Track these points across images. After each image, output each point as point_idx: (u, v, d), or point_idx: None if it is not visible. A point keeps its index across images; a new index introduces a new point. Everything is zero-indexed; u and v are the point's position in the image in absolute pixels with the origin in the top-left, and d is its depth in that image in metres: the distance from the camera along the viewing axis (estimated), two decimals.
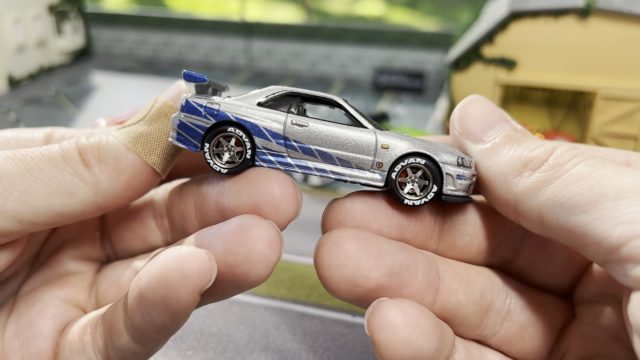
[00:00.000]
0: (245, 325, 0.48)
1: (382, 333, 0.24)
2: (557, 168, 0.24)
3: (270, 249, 0.24)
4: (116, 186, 0.27)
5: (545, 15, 0.68)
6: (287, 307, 0.50)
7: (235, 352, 0.45)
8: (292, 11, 1.78)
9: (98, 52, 1.32)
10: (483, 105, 0.28)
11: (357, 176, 0.26)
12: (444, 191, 0.27)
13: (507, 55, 0.71)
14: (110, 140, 0.27)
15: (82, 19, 1.22)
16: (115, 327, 0.26)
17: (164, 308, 0.23)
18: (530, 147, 0.26)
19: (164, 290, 0.23)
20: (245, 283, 0.24)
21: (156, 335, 0.25)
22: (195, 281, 0.23)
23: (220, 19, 1.24)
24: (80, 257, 0.33)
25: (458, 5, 1.73)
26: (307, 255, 0.57)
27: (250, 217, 0.25)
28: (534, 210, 0.24)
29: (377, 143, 0.26)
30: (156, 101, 0.28)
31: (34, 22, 1.06)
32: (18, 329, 0.29)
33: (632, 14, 0.64)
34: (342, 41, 1.16)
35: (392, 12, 1.81)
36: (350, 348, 0.46)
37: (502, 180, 0.26)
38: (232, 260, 0.24)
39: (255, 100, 0.27)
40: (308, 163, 0.26)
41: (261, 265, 0.24)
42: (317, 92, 0.28)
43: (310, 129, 0.26)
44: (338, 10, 1.83)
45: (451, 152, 0.27)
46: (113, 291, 0.32)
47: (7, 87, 1.03)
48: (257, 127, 0.26)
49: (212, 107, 0.26)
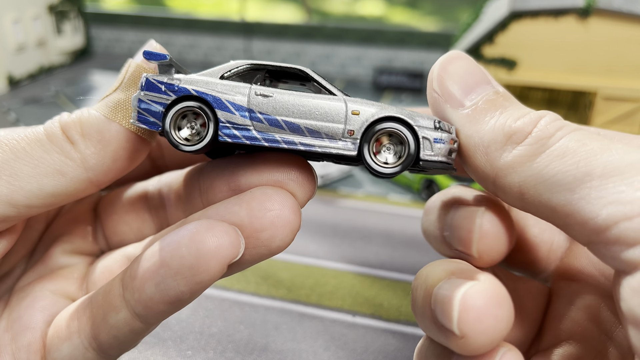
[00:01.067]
0: (245, 325, 0.48)
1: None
2: (542, 142, 0.22)
3: (294, 214, 0.24)
4: (104, 159, 0.26)
5: (545, 15, 0.68)
6: (287, 307, 0.50)
7: (235, 352, 0.45)
8: (292, 11, 1.78)
9: (98, 52, 1.32)
10: (464, 62, 0.26)
11: (328, 146, 0.25)
12: (421, 156, 0.25)
13: (507, 55, 0.71)
14: (91, 114, 0.26)
15: (82, 18, 1.22)
16: (112, 304, 0.26)
17: (188, 277, 0.23)
18: (514, 116, 0.24)
19: (194, 259, 0.23)
20: (269, 249, 0.24)
21: (165, 307, 0.25)
22: (226, 252, 0.23)
23: (220, 18, 1.24)
24: (72, 251, 0.33)
25: (458, 5, 1.73)
26: (307, 255, 0.57)
27: (271, 187, 0.25)
28: (514, 186, 0.23)
29: (347, 109, 0.25)
30: (129, 65, 0.27)
31: (34, 22, 1.06)
32: (9, 323, 0.29)
33: (633, 13, 0.64)
34: (342, 41, 1.16)
35: (392, 12, 1.81)
36: (350, 348, 0.45)
37: (482, 152, 0.24)
38: (259, 225, 0.24)
39: (217, 74, 0.26)
40: (275, 136, 0.25)
41: (286, 230, 0.24)
42: (281, 63, 0.27)
43: (275, 99, 0.25)
44: (338, 10, 1.83)
45: (427, 116, 0.25)
46: (105, 278, 0.31)
47: (7, 87, 1.03)
48: (219, 99, 0.25)
49: (172, 82, 0.26)
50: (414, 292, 0.25)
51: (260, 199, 0.24)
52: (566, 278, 0.28)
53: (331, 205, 0.67)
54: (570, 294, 0.27)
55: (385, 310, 0.50)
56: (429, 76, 0.27)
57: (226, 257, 0.23)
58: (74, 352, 0.27)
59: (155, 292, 0.24)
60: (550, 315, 0.28)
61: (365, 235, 0.62)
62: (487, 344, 0.22)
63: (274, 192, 0.25)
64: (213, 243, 0.23)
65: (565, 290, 0.28)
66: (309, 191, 0.26)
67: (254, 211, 0.24)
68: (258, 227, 0.24)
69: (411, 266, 0.57)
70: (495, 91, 0.26)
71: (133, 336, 0.26)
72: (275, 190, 0.25)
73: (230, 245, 0.23)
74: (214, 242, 0.23)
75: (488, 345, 0.22)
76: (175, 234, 0.24)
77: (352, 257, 0.58)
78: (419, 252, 0.59)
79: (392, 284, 0.54)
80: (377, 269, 0.56)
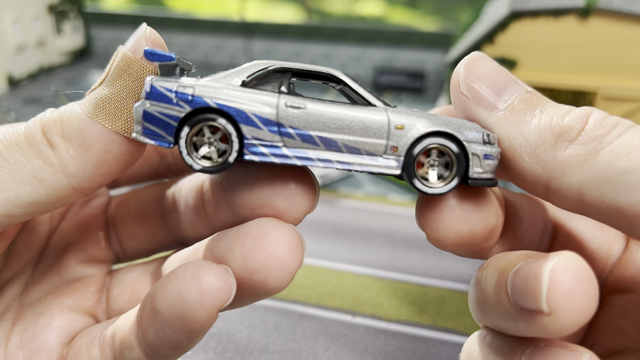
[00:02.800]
0: (245, 325, 0.48)
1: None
2: (599, 139, 0.21)
3: (291, 254, 0.22)
4: (86, 164, 0.23)
5: (545, 15, 0.68)
6: (287, 307, 0.50)
7: (235, 353, 0.45)
8: (292, 11, 1.78)
9: (98, 52, 1.32)
10: (489, 63, 0.25)
11: (369, 164, 0.22)
12: (470, 175, 0.23)
13: (507, 55, 0.71)
14: (74, 111, 0.23)
15: (82, 18, 1.22)
16: (127, 341, 0.25)
17: (179, 326, 0.22)
18: (559, 113, 0.23)
19: (180, 308, 0.22)
20: (264, 290, 0.23)
21: (170, 352, 0.24)
22: (213, 299, 0.21)
23: (220, 18, 1.24)
24: (86, 260, 0.32)
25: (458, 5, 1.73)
26: (307, 255, 0.57)
27: (271, 219, 0.23)
28: (573, 187, 0.21)
29: (390, 123, 0.22)
30: (116, 55, 0.24)
31: (34, 22, 1.06)
32: (22, 340, 0.28)
33: (633, 13, 0.64)
34: (342, 41, 1.16)
35: (392, 12, 1.81)
36: (350, 348, 0.45)
37: (530, 153, 0.22)
38: (251, 266, 0.22)
39: (237, 80, 0.23)
40: (309, 153, 0.22)
41: (281, 272, 0.22)
42: (311, 66, 0.23)
43: (308, 111, 0.22)
44: (338, 10, 1.83)
45: (474, 128, 0.23)
46: (126, 294, 0.30)
47: (6, 87, 1.03)
48: (243, 113, 0.22)
49: (184, 91, 0.22)
50: (481, 283, 0.24)
51: (254, 235, 0.22)
52: (617, 290, 0.27)
53: (331, 205, 0.67)
54: (622, 305, 0.26)
55: (385, 310, 0.50)
56: (453, 80, 0.25)
57: (214, 304, 0.22)
58: None
59: (156, 338, 0.23)
60: (599, 326, 0.27)
61: (365, 235, 0.62)
62: (576, 322, 0.20)
63: (270, 227, 0.23)
64: (197, 291, 0.21)
65: (617, 302, 0.27)
66: (309, 207, 0.24)
67: (246, 250, 0.22)
68: (251, 268, 0.22)
69: (411, 266, 0.57)
70: (526, 90, 0.24)
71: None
72: (272, 225, 0.23)
73: (217, 292, 0.21)
74: (198, 290, 0.21)
75: (576, 324, 0.20)
76: (167, 279, 0.23)
77: (352, 257, 0.58)
78: (419, 252, 0.59)
79: (392, 284, 0.54)
80: (377, 269, 0.56)
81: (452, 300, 0.52)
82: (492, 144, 0.23)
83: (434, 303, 0.51)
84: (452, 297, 0.52)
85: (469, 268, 0.56)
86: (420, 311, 0.50)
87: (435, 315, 0.50)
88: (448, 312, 0.50)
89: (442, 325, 0.49)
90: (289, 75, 0.23)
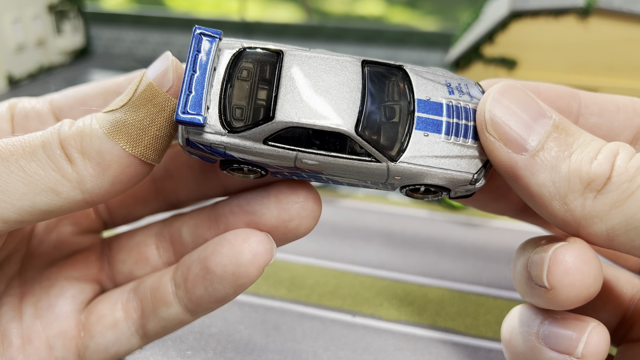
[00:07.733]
0: (245, 325, 0.48)
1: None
2: (624, 186, 0.21)
3: (317, 205, 0.28)
4: (102, 182, 0.25)
5: (545, 15, 0.68)
6: (287, 307, 0.50)
7: (235, 352, 0.45)
8: (292, 11, 1.78)
9: (98, 52, 1.32)
10: (516, 95, 0.24)
11: (370, 187, 0.29)
12: (451, 195, 0.28)
13: (507, 54, 0.71)
14: (93, 130, 0.25)
15: (82, 18, 1.22)
16: (163, 299, 0.29)
17: (231, 282, 0.27)
18: (587, 157, 0.23)
19: (235, 267, 0.27)
20: (295, 235, 0.28)
21: (214, 305, 0.28)
22: (262, 258, 0.27)
23: (220, 18, 1.24)
24: (80, 232, 0.34)
25: (458, 5, 1.73)
26: (307, 255, 0.57)
27: (290, 185, 0.28)
28: (601, 234, 0.22)
29: (389, 175, 0.27)
30: (141, 82, 0.26)
31: (34, 21, 1.06)
32: (37, 310, 0.31)
33: (633, 13, 0.64)
34: (342, 41, 1.16)
35: (392, 12, 1.81)
36: (350, 348, 0.45)
37: (560, 202, 0.23)
38: (286, 216, 0.28)
39: (261, 137, 0.26)
40: (322, 177, 0.28)
41: (311, 219, 0.28)
42: (323, 125, 0.26)
43: (321, 165, 0.26)
44: (338, 9, 1.83)
45: (465, 170, 0.26)
46: (133, 257, 0.33)
47: (6, 87, 1.03)
48: (267, 165, 0.27)
49: (217, 148, 0.26)
50: (514, 264, 0.27)
51: (286, 192, 0.28)
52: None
53: (331, 205, 0.67)
54: None
55: (385, 310, 0.50)
56: (479, 117, 0.25)
57: (263, 263, 0.27)
58: (120, 338, 0.30)
59: (204, 294, 0.28)
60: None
61: (365, 235, 0.62)
62: (573, 298, 0.23)
63: (296, 186, 0.28)
64: (250, 253, 0.27)
65: None
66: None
67: (281, 203, 0.28)
68: (286, 217, 0.28)
69: (411, 266, 0.57)
70: (553, 124, 0.24)
71: (180, 326, 0.30)
72: (296, 186, 0.28)
73: (265, 253, 0.27)
74: (251, 252, 0.27)
75: (575, 300, 0.23)
76: (218, 243, 0.27)
77: (352, 257, 0.58)
78: (419, 252, 0.59)
79: (392, 284, 0.54)
80: (377, 269, 0.56)
81: (452, 300, 0.52)
82: (478, 183, 0.27)
83: (434, 303, 0.51)
84: (452, 297, 0.52)
85: (469, 268, 0.57)
86: (420, 311, 0.50)
87: (435, 315, 0.50)
88: (448, 312, 0.50)
89: (442, 325, 0.49)
90: (307, 132, 0.26)
